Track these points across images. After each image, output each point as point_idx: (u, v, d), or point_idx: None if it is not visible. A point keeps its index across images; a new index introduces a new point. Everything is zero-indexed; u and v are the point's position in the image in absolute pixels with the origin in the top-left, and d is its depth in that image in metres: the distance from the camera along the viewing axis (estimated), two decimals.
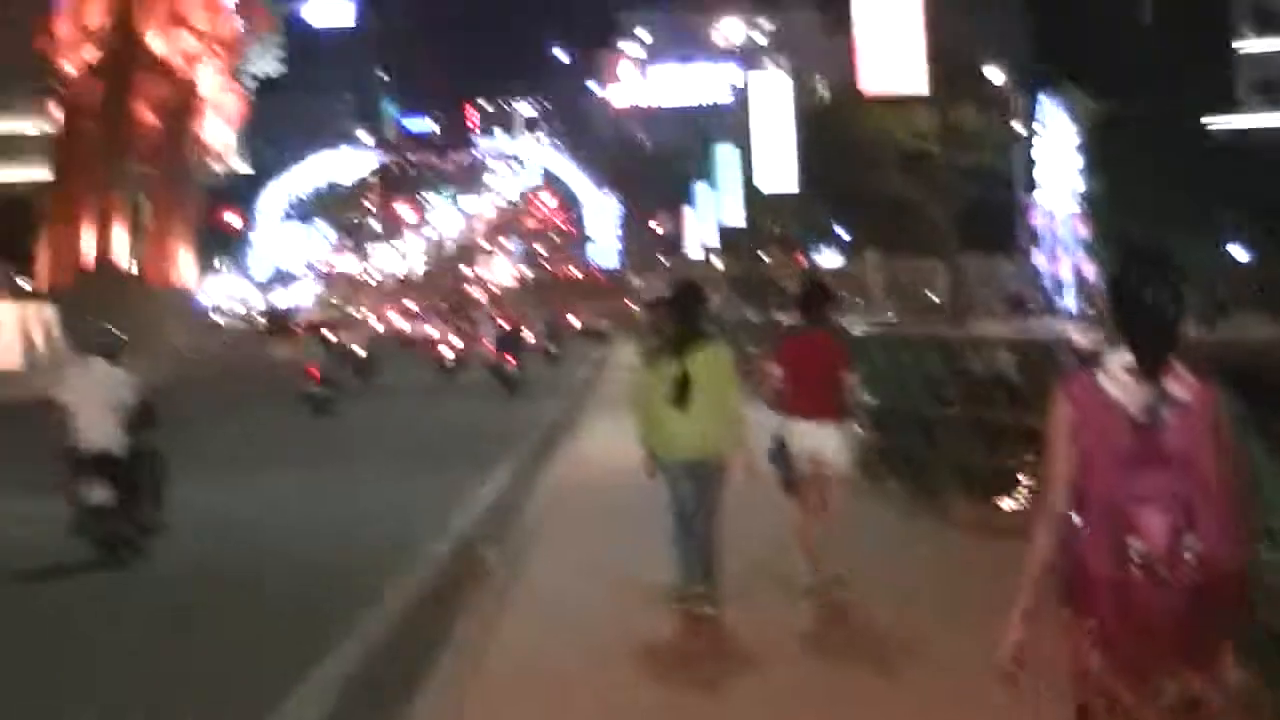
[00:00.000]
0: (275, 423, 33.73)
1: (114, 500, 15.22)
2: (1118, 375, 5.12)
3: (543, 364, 56.88)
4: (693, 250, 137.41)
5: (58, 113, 79.17)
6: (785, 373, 11.86)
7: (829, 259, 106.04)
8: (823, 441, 11.46)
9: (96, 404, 15.43)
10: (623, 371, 42.30)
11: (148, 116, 76.51)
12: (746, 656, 10.12)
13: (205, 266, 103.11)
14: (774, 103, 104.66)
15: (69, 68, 75.35)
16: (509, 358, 44.71)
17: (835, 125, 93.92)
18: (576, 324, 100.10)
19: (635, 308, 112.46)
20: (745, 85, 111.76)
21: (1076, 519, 5.11)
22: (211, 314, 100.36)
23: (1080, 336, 13.91)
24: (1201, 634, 4.94)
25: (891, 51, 65.21)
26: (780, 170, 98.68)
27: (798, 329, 12.33)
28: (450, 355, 53.93)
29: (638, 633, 10.74)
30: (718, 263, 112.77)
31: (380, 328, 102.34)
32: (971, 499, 14.65)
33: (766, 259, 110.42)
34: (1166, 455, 5.01)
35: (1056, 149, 74.85)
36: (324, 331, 48.55)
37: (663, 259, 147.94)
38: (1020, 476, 14.28)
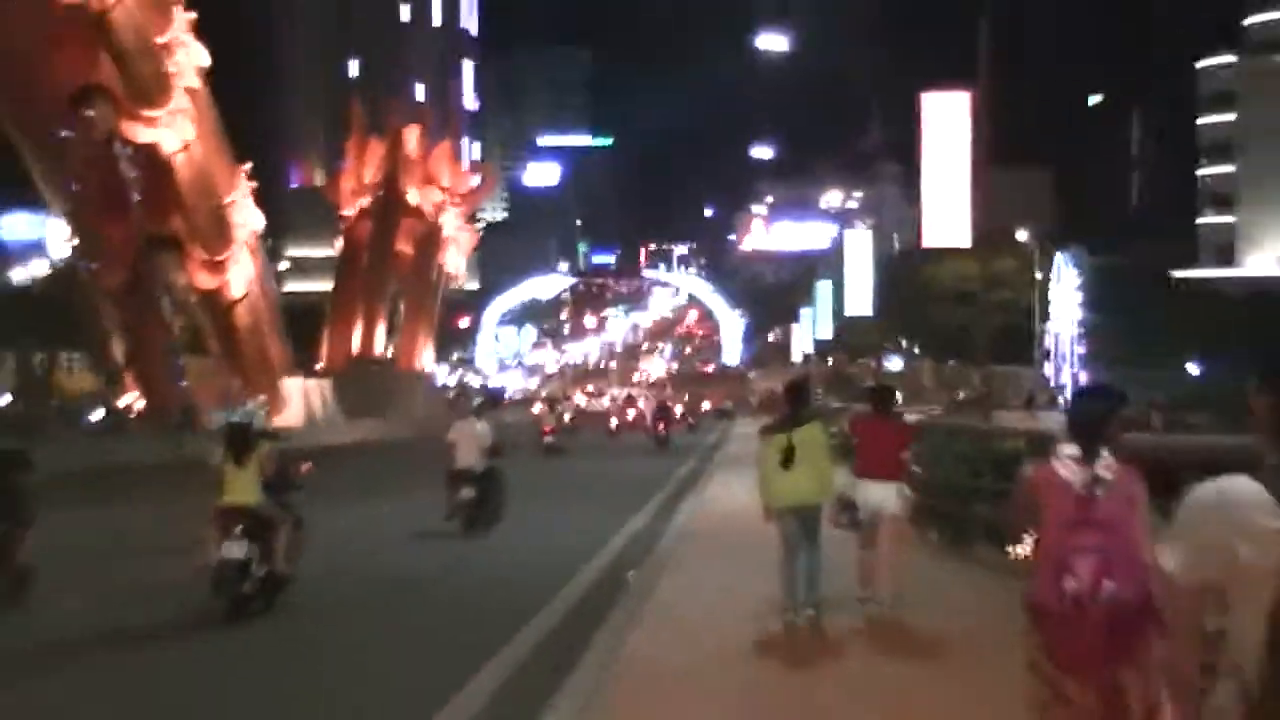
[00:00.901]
0: (522, 466, 34.34)
1: (474, 497, 18.96)
2: (1066, 461, 5.30)
3: (685, 433, 57.41)
4: (795, 355, 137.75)
5: (339, 242, 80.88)
6: (858, 446, 11.90)
7: (893, 364, 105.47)
8: (884, 496, 11.44)
9: (469, 442, 19.38)
10: (741, 442, 42.38)
11: (404, 248, 77.53)
12: (825, 651, 10.17)
13: (443, 357, 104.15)
14: (860, 251, 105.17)
15: (349, 211, 76.74)
16: (661, 426, 45.50)
17: (905, 269, 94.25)
18: (709, 405, 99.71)
19: (751, 396, 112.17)
20: (840, 238, 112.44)
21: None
22: (445, 392, 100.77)
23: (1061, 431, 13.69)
24: (1117, 643, 5.02)
25: (947, 216, 64.90)
26: (862, 299, 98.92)
27: (869, 415, 12.31)
28: (615, 425, 55.22)
29: (744, 633, 10.78)
30: (813, 364, 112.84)
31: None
32: (992, 547, 14.53)
33: (848, 363, 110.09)
34: (1097, 520, 5.16)
35: (1065, 290, 74.57)
36: (554, 404, 50.36)
37: (772, 361, 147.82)
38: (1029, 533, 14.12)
